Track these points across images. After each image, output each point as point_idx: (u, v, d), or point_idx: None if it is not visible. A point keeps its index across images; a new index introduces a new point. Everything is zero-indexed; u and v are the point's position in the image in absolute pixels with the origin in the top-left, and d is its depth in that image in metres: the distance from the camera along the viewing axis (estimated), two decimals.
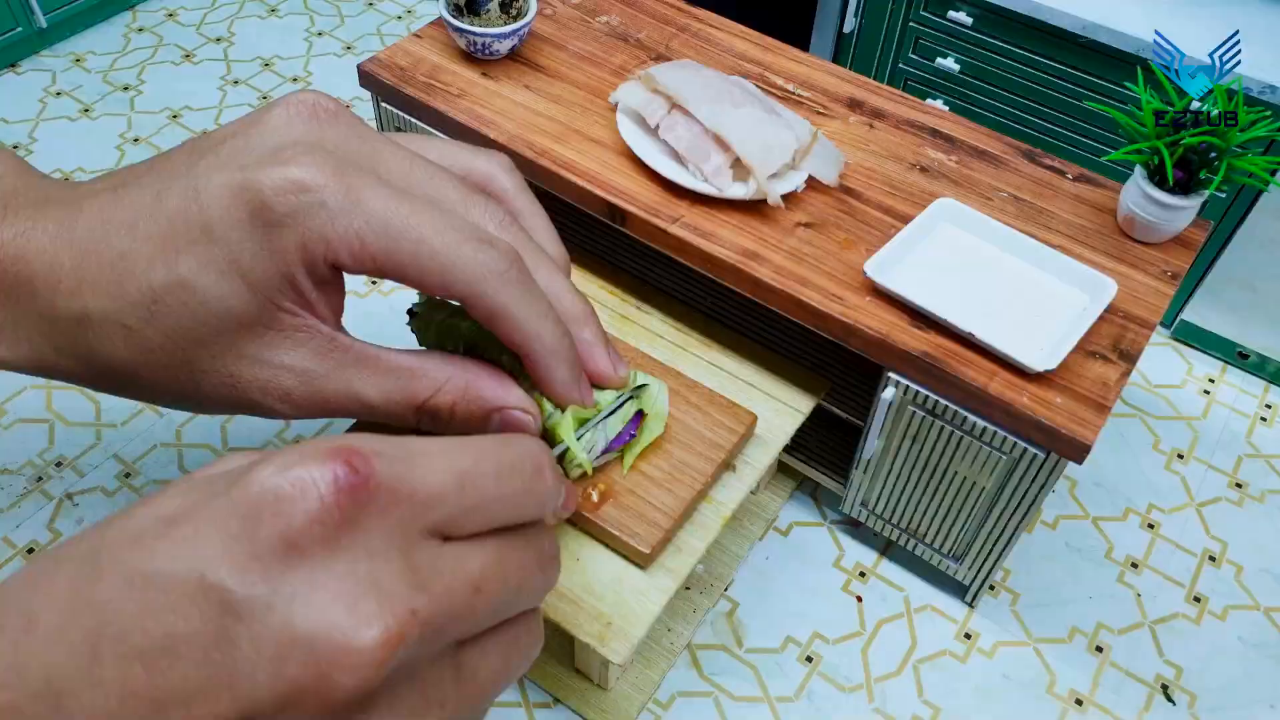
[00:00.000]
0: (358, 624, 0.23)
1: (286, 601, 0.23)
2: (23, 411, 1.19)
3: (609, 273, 1.04)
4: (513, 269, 0.35)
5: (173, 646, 0.22)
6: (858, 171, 1.01)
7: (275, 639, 0.23)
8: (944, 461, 0.91)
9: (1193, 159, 0.91)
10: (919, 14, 1.41)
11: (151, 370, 0.35)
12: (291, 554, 0.23)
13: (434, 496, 0.26)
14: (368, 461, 0.25)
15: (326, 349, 0.36)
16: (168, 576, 0.23)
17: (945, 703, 0.99)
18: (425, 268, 0.34)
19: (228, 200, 0.32)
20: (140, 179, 0.35)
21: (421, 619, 0.24)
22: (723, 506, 0.82)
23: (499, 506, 0.28)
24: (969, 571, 1.01)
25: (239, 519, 0.23)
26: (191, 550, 0.23)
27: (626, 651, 0.74)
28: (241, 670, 0.22)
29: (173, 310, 0.33)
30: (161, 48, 1.77)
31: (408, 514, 0.25)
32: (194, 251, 0.33)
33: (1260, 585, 1.12)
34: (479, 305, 0.35)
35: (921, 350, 0.85)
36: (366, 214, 0.33)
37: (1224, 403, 1.30)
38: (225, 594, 0.23)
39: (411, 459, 0.26)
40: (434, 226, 0.33)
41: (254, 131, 0.35)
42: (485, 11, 1.07)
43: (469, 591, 0.26)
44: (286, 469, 0.24)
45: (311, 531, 0.23)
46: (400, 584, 0.24)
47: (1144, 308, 0.90)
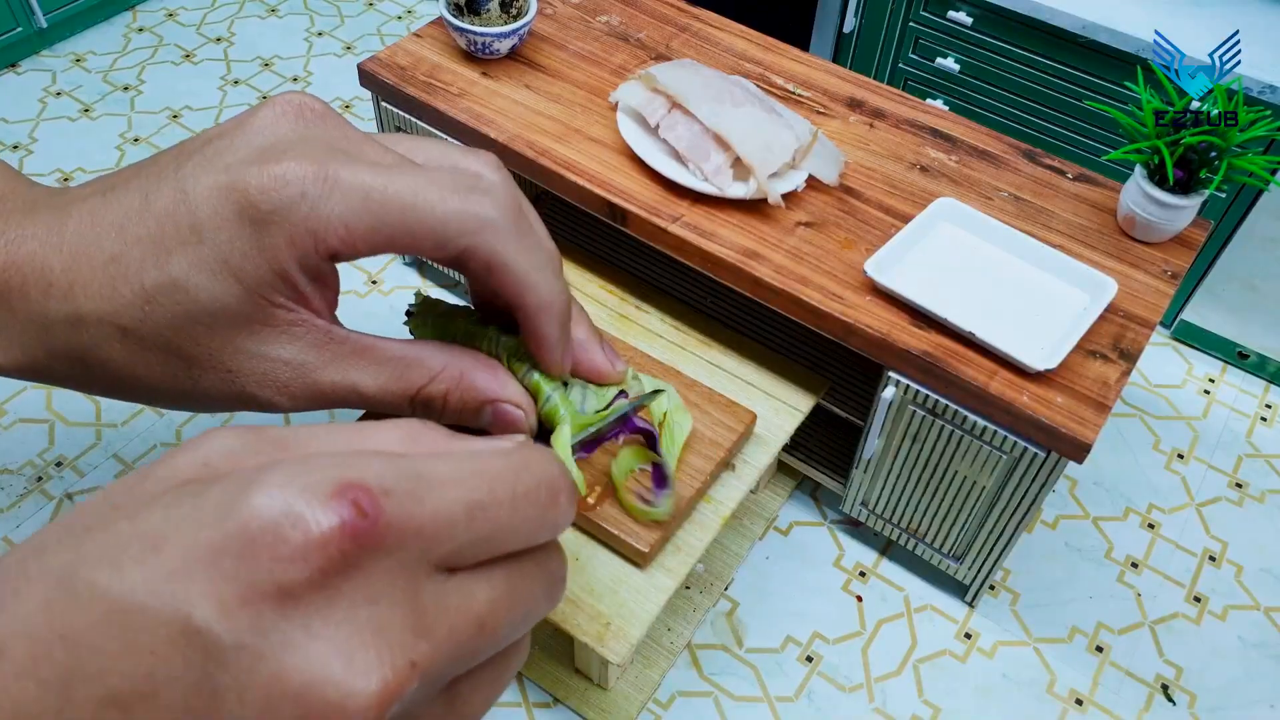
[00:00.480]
0: (354, 677, 0.22)
1: (278, 651, 0.21)
2: (23, 411, 1.19)
3: (608, 272, 1.04)
4: (507, 215, 0.34)
5: (153, 693, 0.21)
6: (858, 171, 1.01)
7: (264, 692, 0.21)
8: (944, 461, 0.91)
9: (1193, 158, 0.91)
10: (919, 14, 1.41)
11: (148, 369, 0.35)
12: (286, 601, 0.22)
13: (443, 531, 0.24)
14: (376, 503, 0.23)
15: (322, 341, 0.36)
16: (151, 615, 0.21)
17: (945, 703, 0.99)
18: (416, 232, 0.33)
19: (215, 200, 0.32)
20: (128, 182, 0.35)
21: (421, 669, 0.23)
22: (722, 506, 0.82)
23: (510, 536, 0.26)
24: (969, 571, 1.00)
25: (231, 557, 0.22)
26: (177, 586, 0.21)
27: (626, 652, 0.74)
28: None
29: (167, 310, 0.33)
30: (161, 48, 1.77)
31: (414, 553, 0.24)
32: (184, 252, 0.33)
33: (1260, 585, 1.11)
34: (475, 258, 0.34)
35: (922, 349, 0.85)
36: (344, 194, 0.32)
37: (1224, 403, 1.30)
38: (212, 640, 0.21)
39: (422, 493, 0.24)
40: (413, 187, 0.33)
41: (240, 132, 0.34)
42: (485, 11, 1.07)
43: (473, 630, 0.25)
44: (287, 506, 0.22)
45: (310, 578, 0.22)
46: (403, 631, 0.23)
47: (1144, 307, 0.90)
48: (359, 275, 1.39)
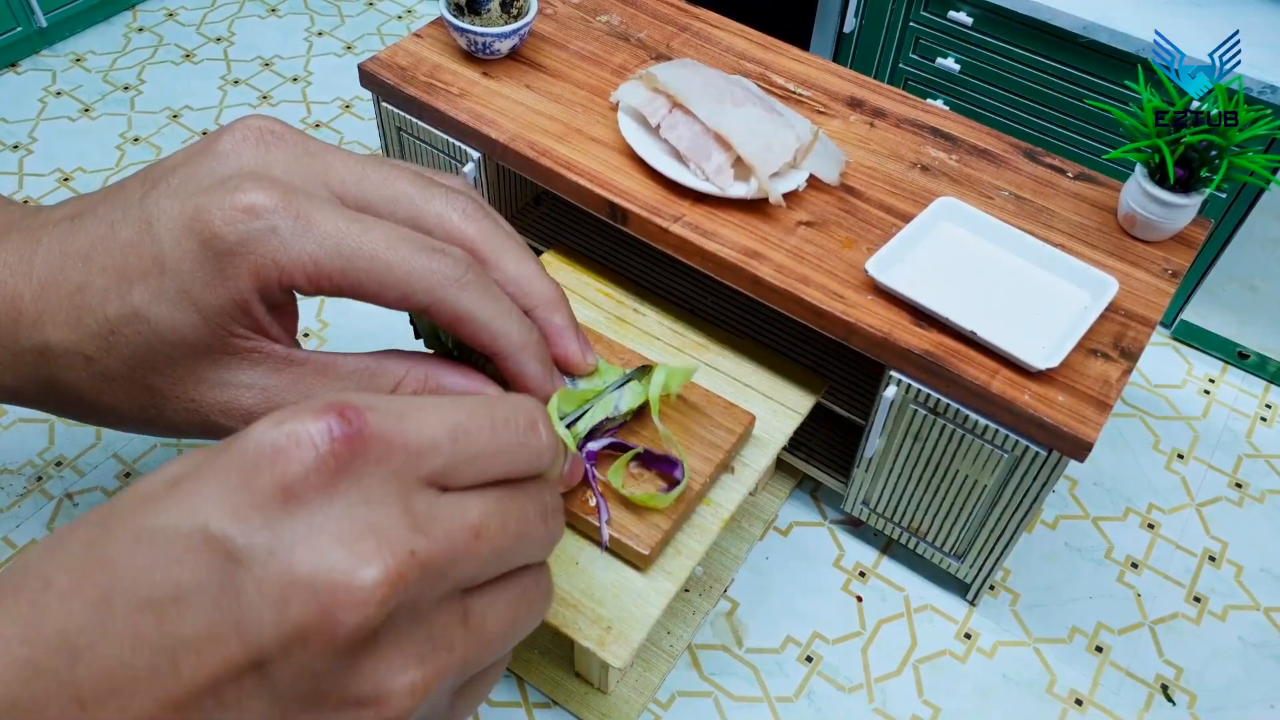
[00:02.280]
0: (358, 564, 0.24)
1: (288, 547, 0.24)
2: (23, 411, 1.19)
3: (605, 275, 1.04)
4: (469, 273, 0.36)
5: (181, 596, 0.23)
6: (859, 170, 1.01)
7: (278, 583, 0.24)
8: (946, 460, 0.91)
9: (1193, 157, 0.91)
10: (919, 14, 1.41)
11: (114, 398, 0.36)
12: (290, 502, 0.24)
13: (428, 447, 0.27)
14: (361, 414, 0.25)
15: (282, 365, 0.37)
16: (173, 531, 0.24)
17: (945, 703, 0.99)
18: (383, 282, 0.34)
19: (179, 231, 0.33)
20: (95, 209, 0.36)
21: (421, 559, 0.25)
22: (721, 508, 0.82)
23: (494, 459, 0.28)
24: (971, 570, 1.00)
25: (238, 472, 0.24)
26: (194, 505, 0.24)
27: (627, 655, 0.74)
28: (248, 615, 0.23)
29: (129, 340, 0.34)
30: (162, 47, 1.77)
31: (403, 463, 0.26)
32: (146, 283, 0.34)
33: (1260, 585, 1.11)
34: (441, 313, 0.36)
35: (923, 349, 0.85)
36: (318, 236, 0.33)
37: (1224, 403, 1.30)
38: (228, 543, 0.24)
39: (405, 413, 0.27)
40: (386, 241, 0.34)
41: (203, 160, 0.35)
42: (486, 11, 1.07)
43: (469, 536, 0.27)
44: (281, 424, 0.25)
45: (309, 480, 0.24)
46: (399, 526, 0.25)
47: (1145, 305, 0.90)
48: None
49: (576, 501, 0.73)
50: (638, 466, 0.74)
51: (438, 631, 0.26)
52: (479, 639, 0.28)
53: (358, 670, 0.24)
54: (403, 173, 0.37)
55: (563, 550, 0.78)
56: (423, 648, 0.26)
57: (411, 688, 0.25)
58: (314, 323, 1.27)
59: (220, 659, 0.23)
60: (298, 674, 0.24)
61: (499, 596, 0.29)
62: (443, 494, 0.27)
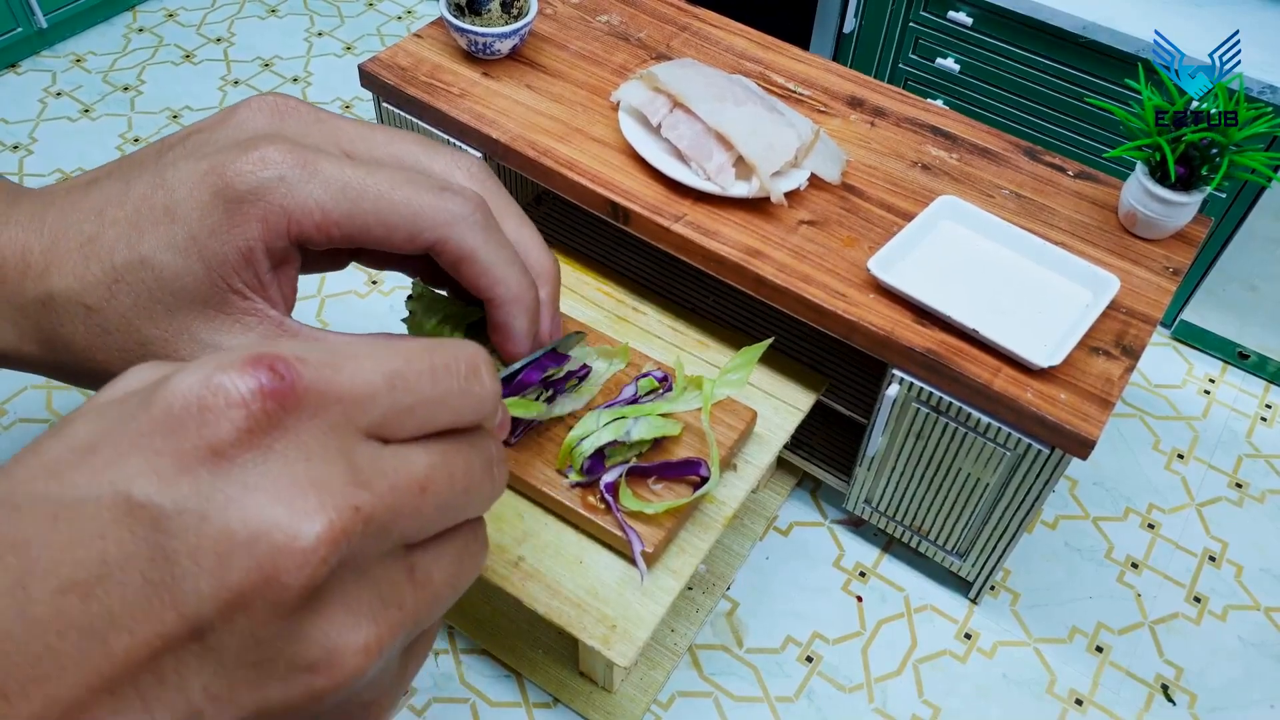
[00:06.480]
0: (298, 520, 0.23)
1: (221, 508, 0.22)
2: (23, 411, 1.18)
3: (606, 274, 1.04)
4: (477, 213, 0.36)
5: (107, 573, 0.22)
6: (860, 169, 1.01)
7: (214, 548, 0.22)
8: (948, 458, 0.91)
9: (1194, 155, 0.91)
10: (919, 14, 1.41)
11: (107, 353, 0.36)
12: (221, 463, 0.23)
13: (365, 397, 0.25)
14: (292, 367, 0.24)
15: (274, 333, 0.37)
16: (93, 503, 0.22)
17: (945, 703, 0.99)
18: (390, 223, 0.34)
19: (193, 183, 0.34)
20: (110, 174, 0.36)
21: (365, 514, 0.24)
22: (724, 505, 0.82)
23: (435, 408, 0.27)
24: (973, 568, 1.00)
25: (160, 434, 0.23)
26: (114, 472, 0.22)
27: (632, 654, 0.74)
28: (183, 585, 0.22)
29: (131, 288, 0.34)
30: (161, 48, 1.77)
31: (340, 415, 0.25)
32: (156, 231, 0.34)
33: (1260, 585, 1.11)
34: (447, 250, 0.36)
35: (925, 347, 0.85)
36: (324, 180, 0.34)
37: (1224, 403, 1.30)
38: (155, 510, 0.22)
39: (338, 362, 0.25)
40: (391, 181, 0.34)
41: (220, 127, 0.36)
42: (486, 11, 1.07)
43: (415, 490, 0.26)
44: (207, 378, 0.23)
45: (240, 438, 0.23)
46: (341, 481, 0.24)
47: (1146, 303, 0.90)
48: (360, 275, 1.38)
49: (599, 513, 0.76)
50: (658, 482, 0.77)
51: (385, 589, 0.25)
52: (427, 595, 0.27)
53: (305, 633, 0.23)
54: (409, 134, 0.38)
55: (566, 549, 0.78)
56: (373, 605, 0.25)
57: (366, 646, 0.24)
58: (314, 323, 1.27)
59: (154, 632, 0.22)
60: (242, 641, 0.23)
61: (443, 551, 0.28)
62: (385, 446, 0.26)
